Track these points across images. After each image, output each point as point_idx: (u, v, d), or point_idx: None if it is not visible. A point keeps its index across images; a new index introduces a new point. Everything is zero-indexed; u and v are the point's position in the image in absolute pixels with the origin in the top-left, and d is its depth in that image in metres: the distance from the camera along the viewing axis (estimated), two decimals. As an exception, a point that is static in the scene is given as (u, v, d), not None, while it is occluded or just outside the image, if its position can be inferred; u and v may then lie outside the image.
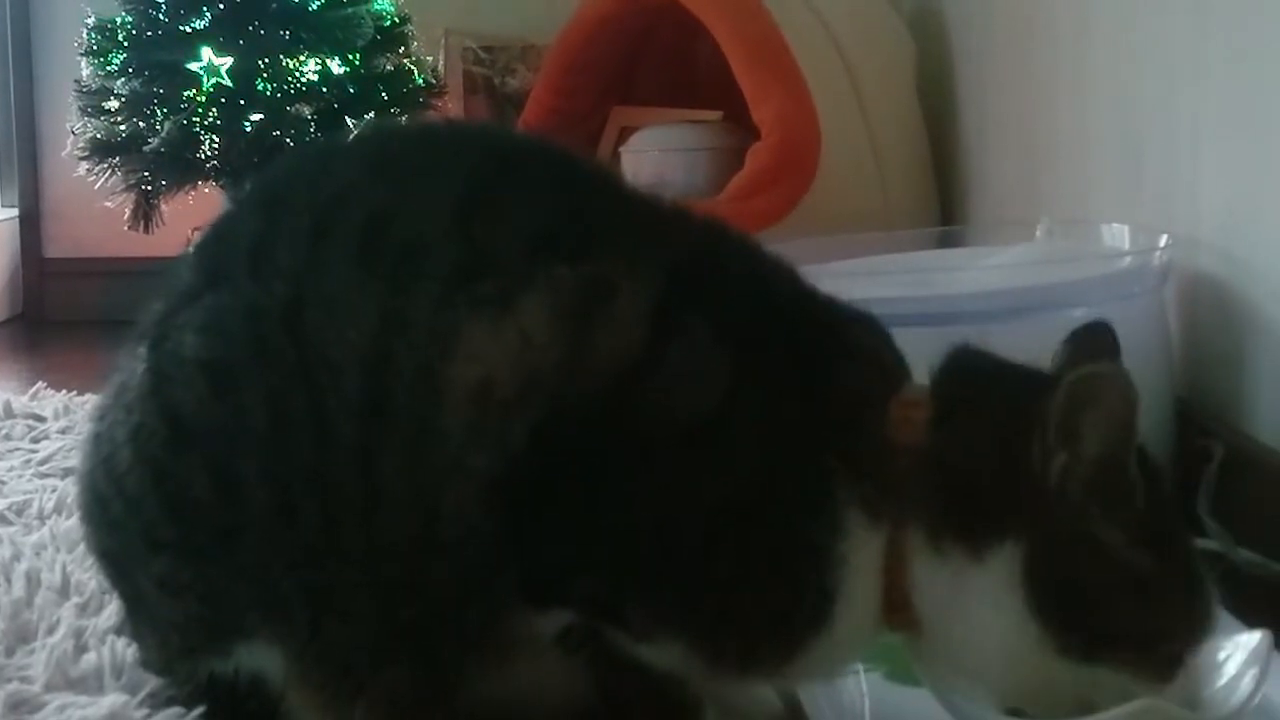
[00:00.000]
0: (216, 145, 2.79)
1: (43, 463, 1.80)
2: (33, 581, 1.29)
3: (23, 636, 1.18)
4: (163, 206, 2.89)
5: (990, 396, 0.90)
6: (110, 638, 1.14)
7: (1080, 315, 0.96)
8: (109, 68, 2.85)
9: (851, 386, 0.91)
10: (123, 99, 2.85)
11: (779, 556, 0.88)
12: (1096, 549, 0.85)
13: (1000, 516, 0.86)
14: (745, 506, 0.88)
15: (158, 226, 2.89)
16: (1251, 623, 0.99)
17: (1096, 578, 0.85)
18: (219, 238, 1.03)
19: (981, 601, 0.86)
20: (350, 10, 2.87)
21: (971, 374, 0.92)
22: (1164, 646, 0.87)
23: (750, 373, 0.90)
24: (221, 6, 2.81)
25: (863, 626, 0.90)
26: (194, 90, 2.79)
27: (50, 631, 1.18)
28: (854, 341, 0.94)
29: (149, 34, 2.82)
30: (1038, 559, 0.85)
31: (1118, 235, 1.61)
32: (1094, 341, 0.95)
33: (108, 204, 2.90)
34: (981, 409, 0.90)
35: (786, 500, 0.88)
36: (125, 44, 2.83)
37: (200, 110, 2.79)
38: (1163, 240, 1.48)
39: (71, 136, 2.92)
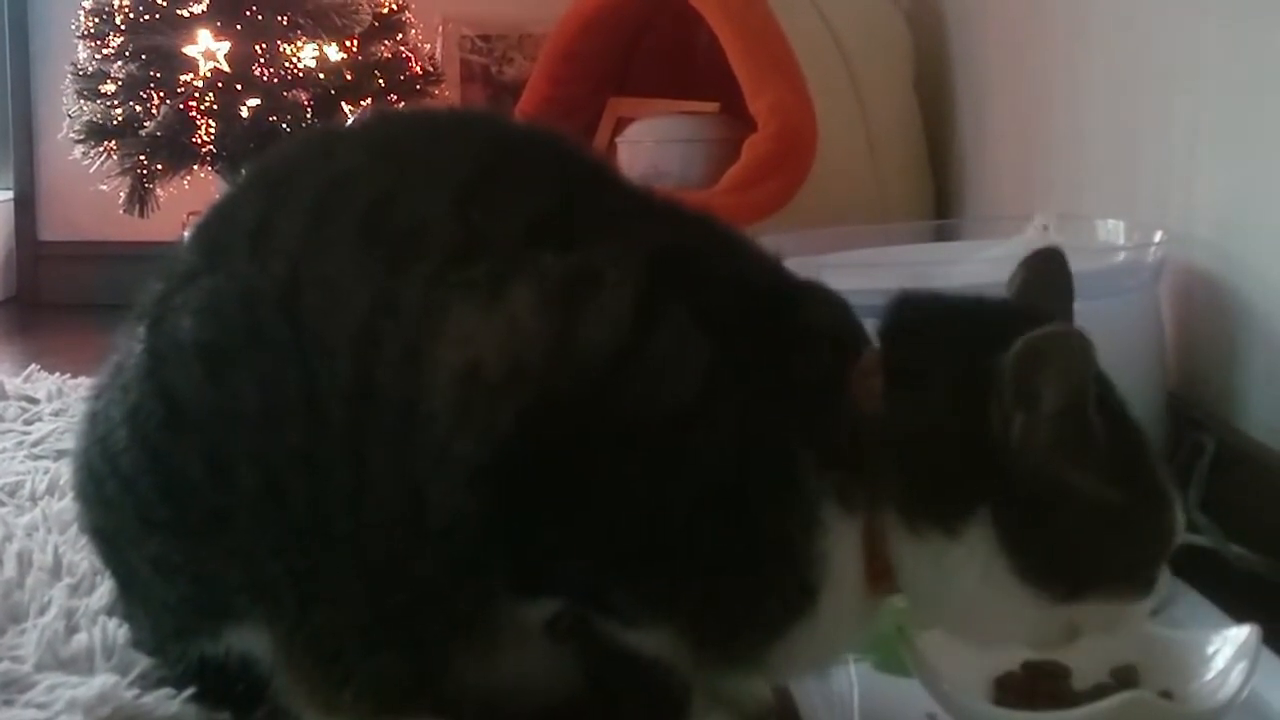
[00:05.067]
0: (213, 130, 2.78)
1: (35, 444, 1.80)
2: (24, 562, 1.29)
3: (14, 616, 1.18)
4: (158, 191, 2.88)
5: (939, 357, 0.90)
6: (101, 618, 1.15)
7: (1074, 309, 0.97)
8: (105, 51, 2.84)
9: (815, 371, 0.91)
10: (119, 82, 2.84)
11: (757, 544, 0.88)
12: (1065, 497, 0.86)
13: (966, 486, 0.87)
14: (723, 494, 0.88)
15: (153, 210, 2.89)
16: (1240, 617, 0.99)
17: (1071, 524, 0.86)
18: (219, 219, 1.03)
19: (967, 574, 0.87)
20: (348, -4, 2.87)
21: (917, 329, 0.93)
22: (1144, 568, 0.89)
23: (727, 361, 0.90)
24: (219, -9, 2.81)
25: (847, 611, 0.90)
26: (191, 75, 2.79)
27: (41, 612, 1.18)
28: (814, 322, 0.94)
29: (146, 17, 2.81)
30: (1011, 521, 0.86)
31: (1113, 230, 1.61)
32: (1046, 272, 0.97)
33: (103, 187, 2.89)
34: (931, 373, 0.90)
35: (762, 490, 0.88)
36: (122, 27, 2.82)
37: (197, 95, 2.78)
38: (1157, 236, 1.48)
39: (67, 119, 2.91)
